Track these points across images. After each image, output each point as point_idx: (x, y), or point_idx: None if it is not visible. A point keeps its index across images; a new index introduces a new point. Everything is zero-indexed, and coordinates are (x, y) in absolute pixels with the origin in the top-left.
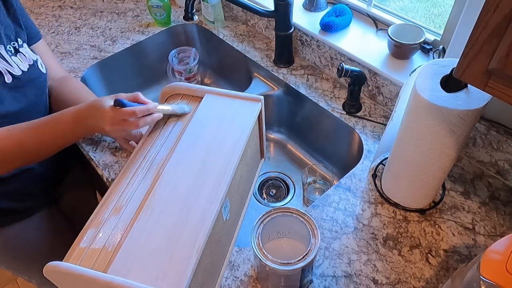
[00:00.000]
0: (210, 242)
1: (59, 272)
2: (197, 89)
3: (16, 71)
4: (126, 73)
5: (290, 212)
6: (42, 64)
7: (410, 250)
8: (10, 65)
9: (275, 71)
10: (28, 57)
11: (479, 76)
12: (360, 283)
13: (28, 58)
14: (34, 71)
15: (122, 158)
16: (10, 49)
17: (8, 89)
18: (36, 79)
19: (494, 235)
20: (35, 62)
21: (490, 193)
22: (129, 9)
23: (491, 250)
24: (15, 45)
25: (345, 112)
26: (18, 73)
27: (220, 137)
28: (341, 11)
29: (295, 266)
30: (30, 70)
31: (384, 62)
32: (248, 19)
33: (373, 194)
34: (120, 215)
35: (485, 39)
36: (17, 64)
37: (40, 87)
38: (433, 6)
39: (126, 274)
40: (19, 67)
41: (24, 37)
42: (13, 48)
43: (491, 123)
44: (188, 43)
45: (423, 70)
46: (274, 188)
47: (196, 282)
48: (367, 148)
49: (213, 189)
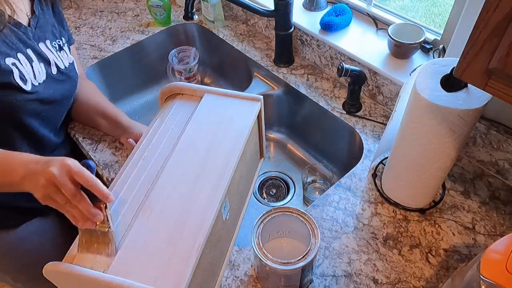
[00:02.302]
0: (210, 242)
1: (59, 272)
2: (197, 88)
3: (61, 64)
4: (126, 72)
5: (290, 212)
6: (76, 66)
7: (410, 249)
8: (56, 58)
9: (275, 71)
10: (69, 56)
11: (479, 76)
12: (360, 282)
13: (69, 57)
14: (73, 70)
15: (122, 157)
16: (55, 45)
17: (52, 79)
18: (73, 77)
19: (494, 234)
20: (73, 62)
21: (490, 193)
22: (129, 9)
23: (491, 250)
24: (59, 43)
25: (345, 111)
26: (62, 67)
27: (220, 137)
28: (341, 10)
29: (295, 265)
30: (70, 67)
31: (384, 62)
32: (248, 18)
33: (373, 193)
34: (120, 215)
35: (485, 38)
36: (62, 59)
37: (74, 85)
38: (433, 6)
39: (126, 274)
40: (63, 62)
41: (66, 38)
42: (57, 45)
43: (491, 123)
44: (188, 42)
45: (423, 70)
46: (274, 188)
47: (196, 281)
48: (367, 147)
49: (212, 189)
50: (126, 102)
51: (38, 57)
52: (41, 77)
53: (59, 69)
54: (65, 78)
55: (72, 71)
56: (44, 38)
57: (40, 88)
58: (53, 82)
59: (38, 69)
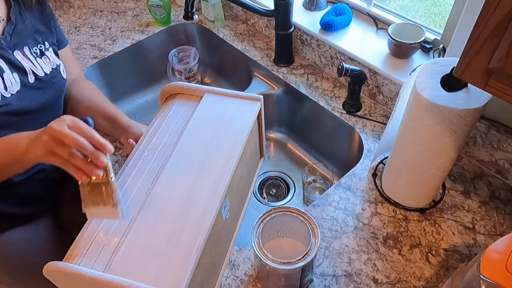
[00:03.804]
0: (210, 242)
1: (59, 272)
2: (197, 88)
3: (39, 72)
4: (126, 72)
5: (290, 212)
6: (64, 70)
7: (410, 249)
8: (34, 66)
9: (275, 71)
10: (52, 61)
11: (479, 75)
12: (360, 282)
13: (52, 62)
14: (56, 75)
15: (122, 157)
16: (36, 51)
17: (30, 88)
18: (56, 83)
19: (494, 234)
20: (57, 67)
21: (490, 192)
22: (129, 9)
23: (491, 250)
24: (41, 48)
25: (345, 111)
26: (41, 74)
27: (220, 137)
28: (341, 10)
29: (295, 265)
30: (52, 73)
31: (384, 61)
32: (248, 18)
33: (373, 193)
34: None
35: (486, 38)
36: (41, 66)
37: (58, 90)
38: (433, 5)
39: (126, 274)
40: (43, 69)
41: (53, 41)
42: (39, 50)
43: (491, 122)
44: (188, 42)
45: (423, 70)
46: (274, 188)
47: (196, 281)
48: (367, 147)
49: (212, 189)
50: (126, 102)
51: (11, 67)
52: (14, 87)
53: (37, 77)
54: (46, 85)
55: (56, 77)
56: (21, 45)
57: (12, 99)
58: (30, 91)
59: (11, 79)
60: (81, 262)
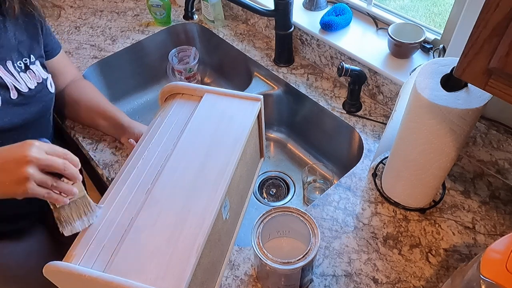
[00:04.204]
0: (210, 242)
1: (59, 272)
2: (197, 88)
3: (23, 87)
4: (126, 72)
5: (290, 211)
6: (52, 84)
7: (410, 249)
8: (17, 81)
9: (275, 70)
10: (38, 75)
11: (479, 75)
12: (360, 282)
13: (38, 76)
14: (42, 90)
15: (122, 157)
16: (20, 65)
17: (12, 105)
18: (42, 98)
19: (494, 234)
20: (44, 81)
21: (490, 192)
22: (129, 8)
23: (491, 249)
24: (26, 62)
25: (345, 111)
26: (25, 90)
27: (220, 137)
28: (341, 10)
29: (295, 265)
30: (37, 88)
31: (384, 61)
32: (248, 18)
33: (373, 193)
34: (120, 214)
35: (486, 38)
36: (25, 81)
37: (45, 105)
38: (433, 5)
39: (126, 274)
40: (27, 84)
41: (40, 53)
42: (23, 64)
43: (491, 122)
44: (188, 42)
45: (423, 69)
46: (274, 188)
47: (196, 281)
48: (367, 147)
49: (212, 189)
50: (126, 102)
51: None
52: None
53: (20, 92)
54: (29, 101)
55: (41, 92)
56: (3, 60)
57: None
58: (12, 108)
59: None
60: (81, 262)
